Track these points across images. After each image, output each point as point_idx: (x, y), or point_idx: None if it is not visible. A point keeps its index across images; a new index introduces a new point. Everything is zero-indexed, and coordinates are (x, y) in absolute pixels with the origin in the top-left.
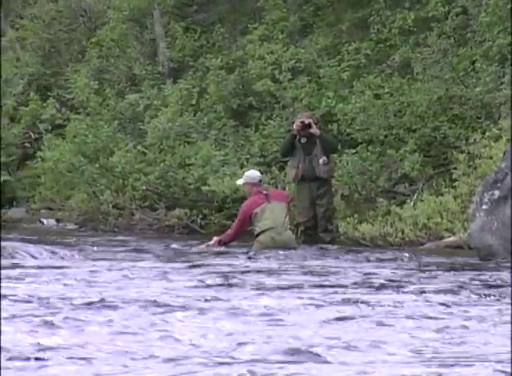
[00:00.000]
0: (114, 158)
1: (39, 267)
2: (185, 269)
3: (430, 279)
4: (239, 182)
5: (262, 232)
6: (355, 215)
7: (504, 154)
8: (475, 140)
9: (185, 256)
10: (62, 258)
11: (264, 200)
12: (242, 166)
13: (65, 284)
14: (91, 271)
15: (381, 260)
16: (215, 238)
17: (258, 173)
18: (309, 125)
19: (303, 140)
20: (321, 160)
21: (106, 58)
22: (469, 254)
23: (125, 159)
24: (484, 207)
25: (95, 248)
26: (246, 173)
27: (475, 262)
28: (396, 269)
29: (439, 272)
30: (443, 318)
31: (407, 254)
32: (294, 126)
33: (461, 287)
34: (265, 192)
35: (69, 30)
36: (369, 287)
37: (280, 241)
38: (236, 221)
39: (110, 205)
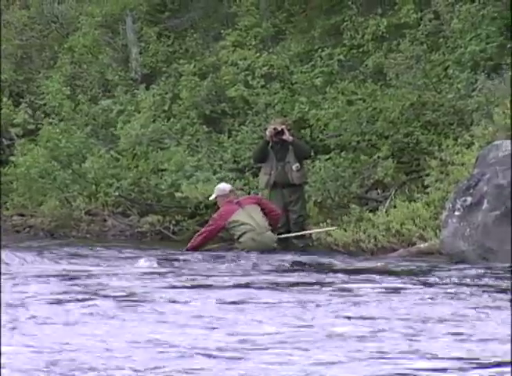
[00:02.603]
0: (87, 164)
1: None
2: None
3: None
4: (212, 197)
5: (243, 234)
6: (328, 221)
7: (477, 160)
8: (447, 146)
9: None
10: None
11: (236, 207)
12: (215, 172)
13: None
14: None
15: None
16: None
17: (227, 185)
18: (282, 132)
19: (276, 146)
20: (294, 167)
21: (78, 64)
22: (441, 260)
23: (98, 165)
24: (456, 213)
25: None
26: (216, 187)
27: (446, 267)
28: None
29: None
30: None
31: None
32: (267, 133)
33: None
34: (235, 200)
35: (41, 37)
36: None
37: (260, 242)
38: (205, 227)
39: (83, 212)
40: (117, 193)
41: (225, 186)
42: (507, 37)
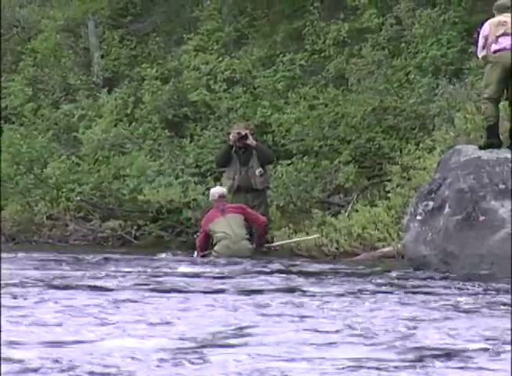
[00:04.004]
0: (49, 169)
1: None
2: None
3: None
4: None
5: (218, 241)
6: (291, 226)
7: (438, 165)
8: (409, 151)
9: None
10: None
11: (218, 215)
12: (177, 177)
13: None
14: None
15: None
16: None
17: (219, 189)
18: (246, 136)
19: (239, 151)
20: (257, 172)
21: (40, 67)
22: (402, 264)
23: (59, 170)
24: (418, 217)
25: None
26: (210, 191)
27: (407, 271)
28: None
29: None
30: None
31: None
32: (231, 137)
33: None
34: (221, 207)
35: (2, 41)
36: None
37: (235, 250)
38: (199, 235)
39: (44, 216)
40: (78, 198)
41: (216, 191)
42: (468, 41)
